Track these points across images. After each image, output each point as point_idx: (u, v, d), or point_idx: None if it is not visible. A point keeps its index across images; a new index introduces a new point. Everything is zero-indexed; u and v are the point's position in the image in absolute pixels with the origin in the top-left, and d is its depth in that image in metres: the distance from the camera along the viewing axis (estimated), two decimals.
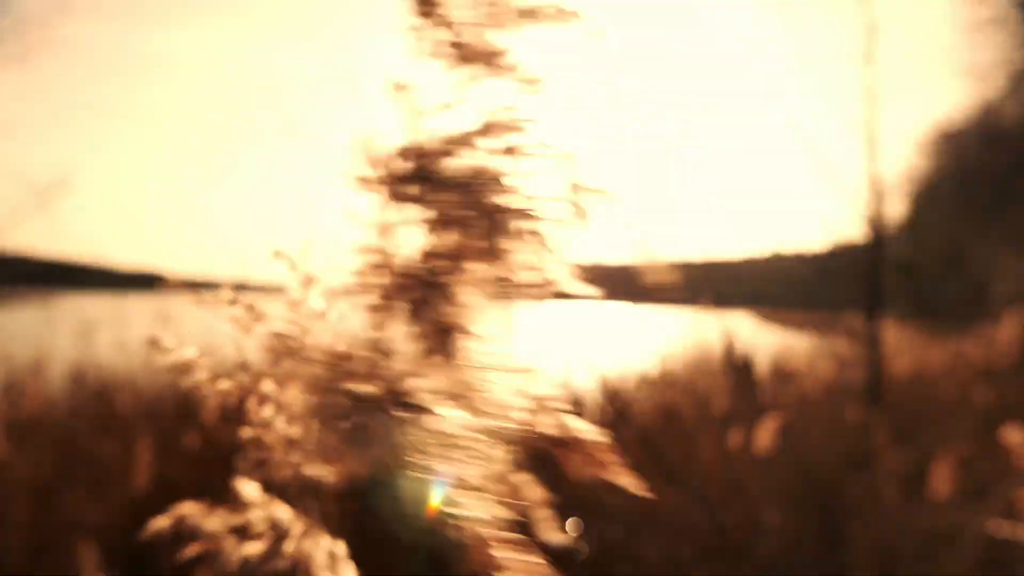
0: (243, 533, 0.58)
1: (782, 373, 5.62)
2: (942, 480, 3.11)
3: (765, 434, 3.36)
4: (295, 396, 0.55)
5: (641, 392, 4.82)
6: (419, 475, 0.57)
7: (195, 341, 0.65)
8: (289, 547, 0.58)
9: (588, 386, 4.27)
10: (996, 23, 11.58)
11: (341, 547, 0.61)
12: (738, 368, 4.53)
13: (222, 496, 0.57)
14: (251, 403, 0.56)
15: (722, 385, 4.52)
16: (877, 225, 5.41)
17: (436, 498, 0.57)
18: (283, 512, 0.59)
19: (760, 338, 7.11)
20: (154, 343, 0.61)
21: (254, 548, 0.57)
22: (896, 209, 12.26)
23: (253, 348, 0.60)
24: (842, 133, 5.45)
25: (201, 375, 0.61)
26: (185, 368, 0.63)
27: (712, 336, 4.88)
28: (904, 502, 3.13)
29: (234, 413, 0.57)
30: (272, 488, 0.58)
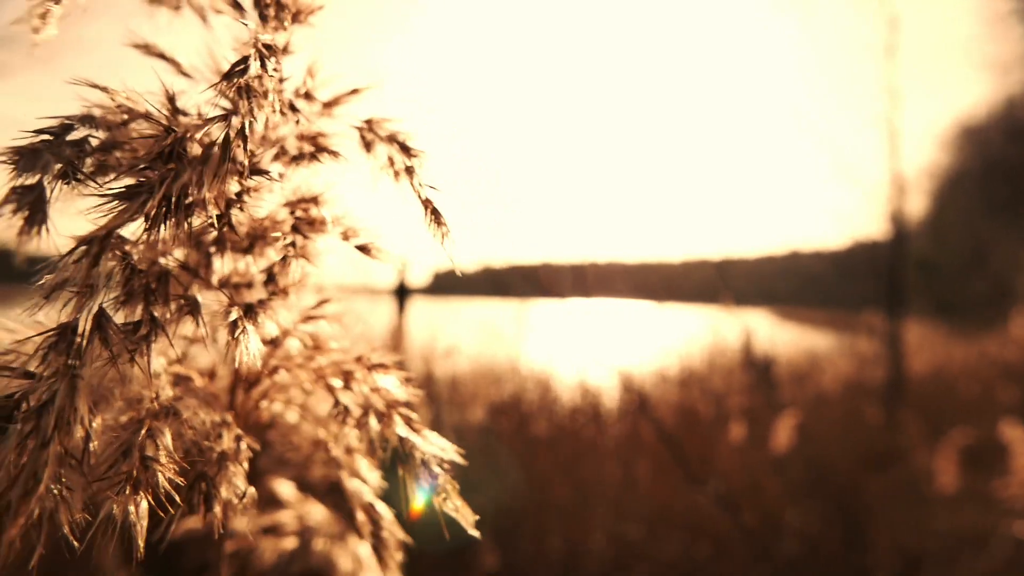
0: (275, 532, 0.59)
1: (801, 372, 5.58)
2: (964, 480, 3.08)
3: (783, 433, 3.35)
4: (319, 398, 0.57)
5: (660, 390, 4.80)
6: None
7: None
8: (317, 547, 0.60)
9: (607, 384, 4.27)
10: (1019, 15, 11.40)
11: (366, 548, 0.62)
12: (756, 366, 4.51)
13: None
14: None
15: (740, 383, 4.50)
16: (898, 222, 5.36)
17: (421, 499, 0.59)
18: (315, 512, 0.60)
19: (778, 336, 7.06)
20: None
21: (285, 546, 0.59)
22: (917, 205, 12.12)
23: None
24: (862, 128, 5.40)
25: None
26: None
27: (730, 334, 4.86)
28: (926, 502, 3.10)
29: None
30: (304, 488, 0.60)
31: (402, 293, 4.39)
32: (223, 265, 0.48)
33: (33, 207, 0.39)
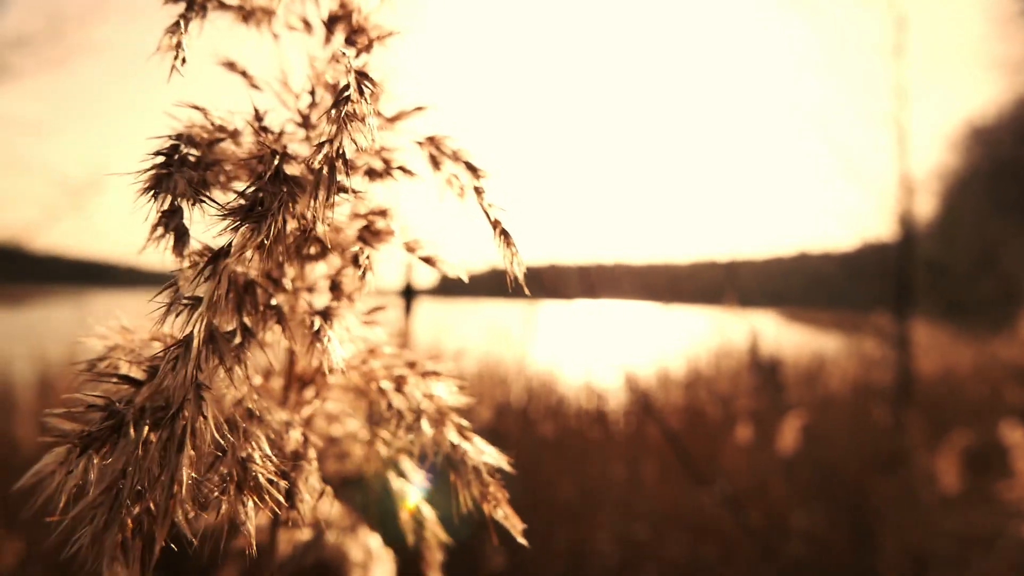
0: (290, 524, 0.61)
1: (808, 373, 5.57)
2: (972, 482, 3.07)
3: (790, 434, 3.34)
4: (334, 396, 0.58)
5: (666, 391, 4.80)
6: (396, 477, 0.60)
7: None
8: (330, 539, 0.61)
9: (613, 385, 4.27)
10: None
11: (377, 540, 0.63)
12: (763, 368, 4.50)
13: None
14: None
15: (747, 385, 4.49)
16: (907, 222, 5.34)
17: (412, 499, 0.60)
18: (327, 506, 0.62)
19: (786, 337, 7.04)
20: None
21: (300, 538, 0.60)
22: (926, 206, 12.05)
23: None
24: (871, 129, 5.39)
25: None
26: None
27: (737, 336, 4.85)
28: (934, 503, 3.09)
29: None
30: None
31: (409, 294, 4.39)
32: (291, 272, 0.51)
33: (178, 229, 0.42)
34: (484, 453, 0.49)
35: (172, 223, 0.41)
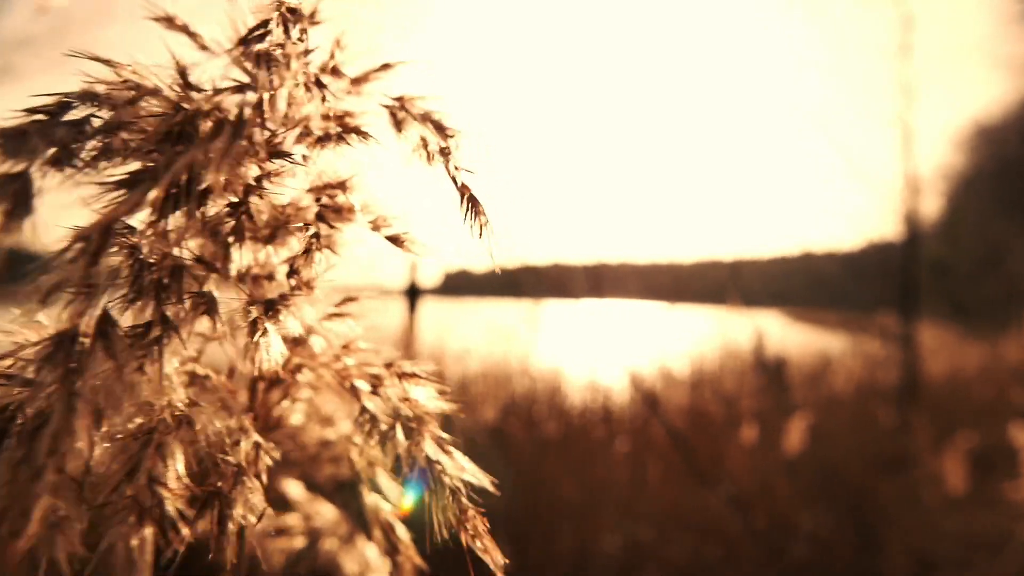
0: (283, 533, 0.58)
1: (813, 373, 5.55)
2: (977, 483, 3.05)
3: (795, 435, 3.33)
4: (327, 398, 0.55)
5: (670, 391, 4.79)
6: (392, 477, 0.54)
7: None
8: (325, 546, 0.58)
9: (618, 385, 4.26)
10: None
11: (374, 549, 0.61)
12: (768, 368, 4.48)
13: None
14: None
15: (752, 385, 4.48)
16: (912, 222, 5.31)
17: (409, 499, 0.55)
18: (324, 512, 0.60)
19: (790, 338, 7.02)
20: None
21: (293, 547, 0.58)
22: (931, 206, 12.02)
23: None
24: (876, 128, 5.37)
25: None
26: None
27: (742, 336, 4.84)
28: (939, 505, 3.07)
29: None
30: (311, 487, 0.59)
31: (412, 293, 4.38)
32: (242, 257, 0.43)
33: (16, 198, 0.34)
34: (464, 471, 0.42)
35: (8, 189, 0.34)
